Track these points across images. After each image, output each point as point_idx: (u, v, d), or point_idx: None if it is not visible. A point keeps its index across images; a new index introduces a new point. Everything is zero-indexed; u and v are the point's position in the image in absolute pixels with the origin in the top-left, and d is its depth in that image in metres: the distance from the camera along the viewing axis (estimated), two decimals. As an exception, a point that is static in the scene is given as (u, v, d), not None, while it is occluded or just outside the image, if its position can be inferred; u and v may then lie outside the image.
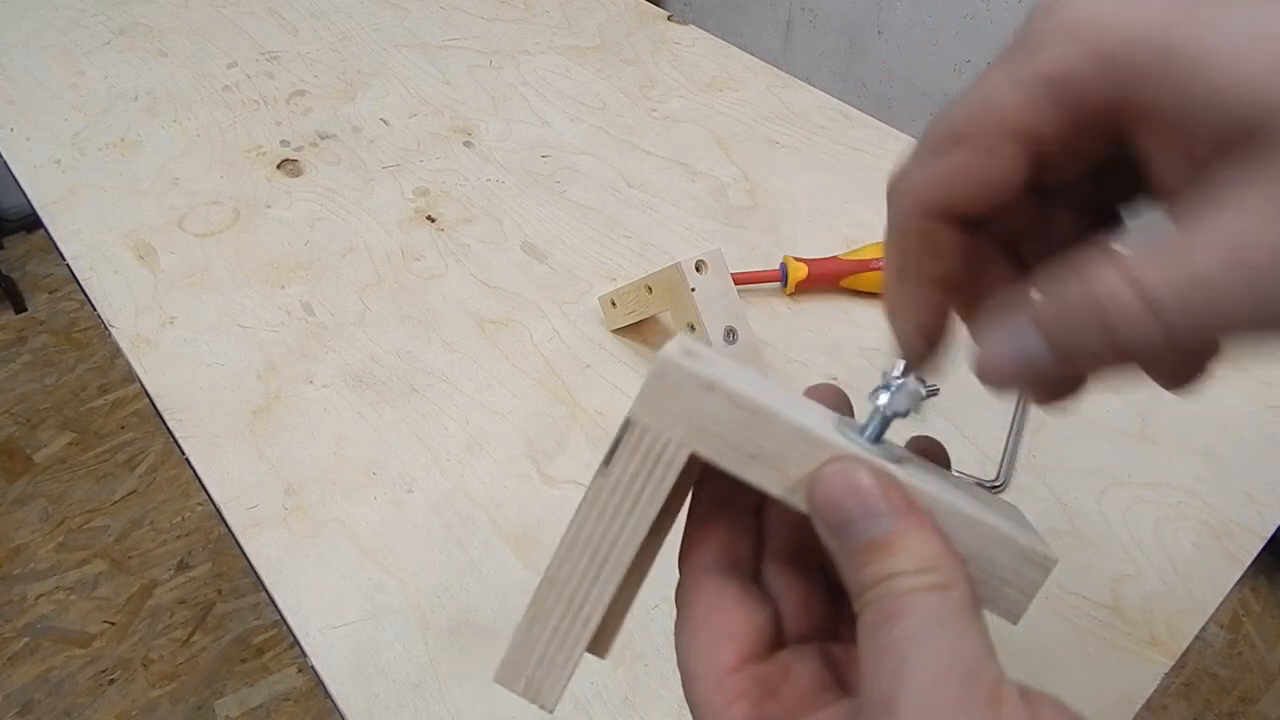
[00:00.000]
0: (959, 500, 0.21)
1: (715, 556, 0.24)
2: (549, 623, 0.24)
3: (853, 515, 0.20)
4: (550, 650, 0.24)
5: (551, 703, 0.24)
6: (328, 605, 0.47)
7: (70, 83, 0.85)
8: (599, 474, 0.23)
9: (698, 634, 0.23)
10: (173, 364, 0.60)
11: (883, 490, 0.20)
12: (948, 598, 0.19)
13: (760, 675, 0.23)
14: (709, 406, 0.21)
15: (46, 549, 1.49)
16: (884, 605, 0.19)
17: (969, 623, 0.19)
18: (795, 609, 0.24)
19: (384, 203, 0.73)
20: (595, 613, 0.23)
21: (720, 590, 0.24)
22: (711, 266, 0.54)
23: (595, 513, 0.23)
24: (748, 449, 0.21)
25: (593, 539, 0.23)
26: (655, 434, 0.22)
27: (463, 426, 0.56)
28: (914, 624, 0.19)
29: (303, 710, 1.31)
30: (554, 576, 0.23)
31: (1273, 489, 0.54)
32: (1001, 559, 0.21)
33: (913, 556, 0.20)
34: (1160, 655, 0.46)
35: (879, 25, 1.74)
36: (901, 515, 0.20)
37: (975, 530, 0.21)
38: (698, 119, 0.83)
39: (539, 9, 0.98)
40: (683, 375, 0.21)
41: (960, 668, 0.18)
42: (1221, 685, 1.35)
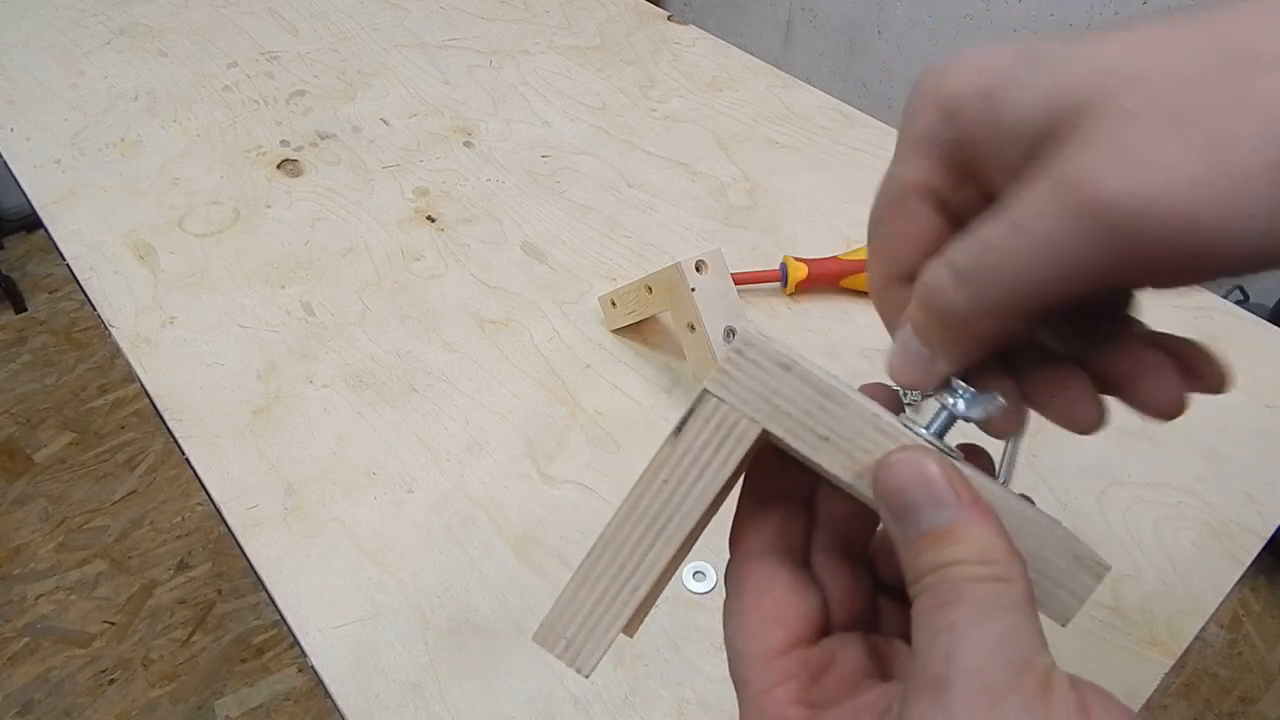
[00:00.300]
0: (1014, 502, 0.22)
1: (768, 541, 0.25)
2: (597, 587, 0.24)
3: (918, 502, 0.21)
4: (595, 615, 0.24)
5: (589, 668, 0.24)
6: (328, 605, 0.47)
7: (70, 83, 0.85)
8: (668, 442, 0.23)
9: (747, 615, 0.24)
10: (173, 364, 0.60)
11: (949, 481, 0.21)
12: (1005, 589, 0.19)
13: (807, 659, 0.23)
14: (786, 385, 0.22)
15: (46, 549, 1.49)
16: (941, 590, 0.20)
17: (1024, 615, 0.19)
18: (840, 599, 0.25)
19: (384, 203, 0.73)
20: (645, 581, 0.23)
21: (772, 574, 0.24)
22: (711, 266, 0.54)
23: (660, 480, 0.23)
24: (819, 431, 0.22)
25: (654, 506, 0.23)
26: (730, 408, 0.22)
27: (463, 426, 0.56)
28: (970, 610, 0.19)
29: (303, 710, 1.31)
30: (609, 539, 0.24)
31: (1273, 489, 0.54)
32: (1055, 560, 0.21)
33: (973, 547, 0.20)
34: (1160, 655, 0.46)
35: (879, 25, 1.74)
36: (965, 507, 0.21)
37: (1032, 530, 0.21)
38: (698, 119, 0.83)
39: (539, 9, 0.98)
40: (763, 353, 0.22)
41: (1013, 654, 0.18)
42: (1221, 685, 1.35)
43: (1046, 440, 0.56)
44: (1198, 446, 0.56)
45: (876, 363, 0.59)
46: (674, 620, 0.47)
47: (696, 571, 0.49)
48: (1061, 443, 0.56)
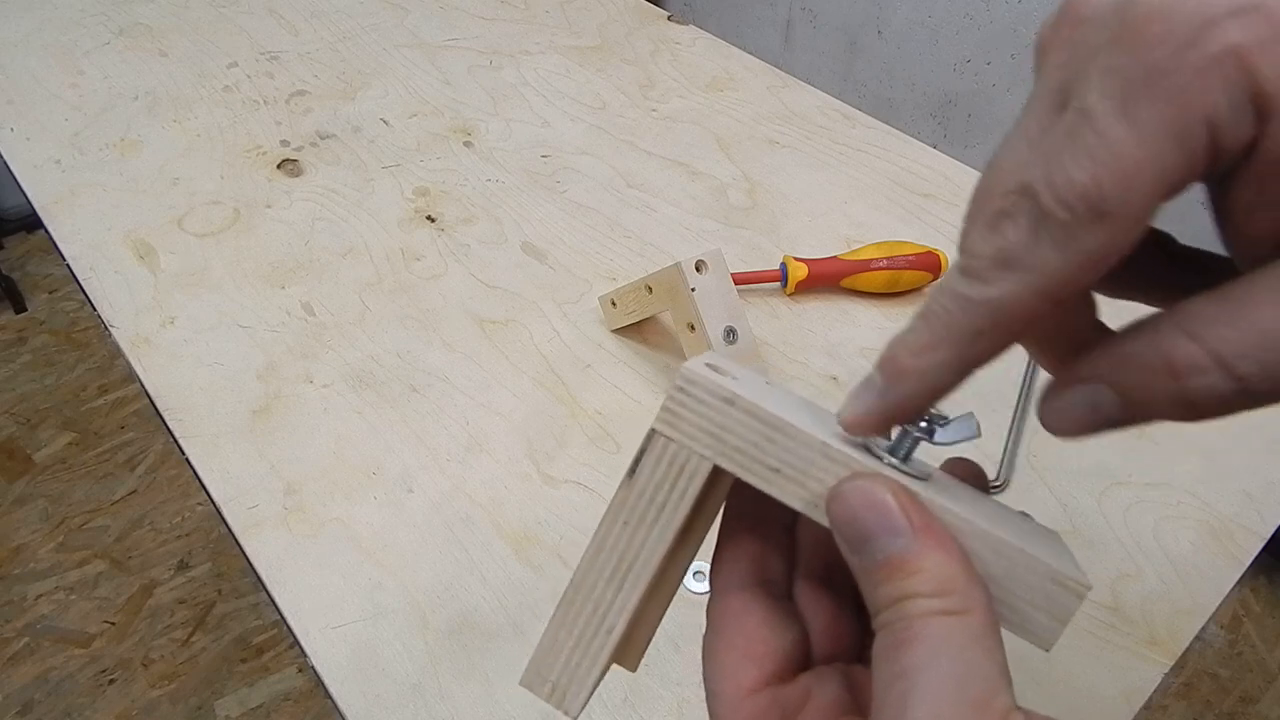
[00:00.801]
0: (988, 522, 0.21)
1: (745, 573, 0.24)
2: (574, 629, 0.24)
3: (870, 531, 0.20)
4: (575, 657, 0.24)
5: (576, 709, 0.24)
6: (328, 605, 0.47)
7: (70, 83, 0.85)
8: (623, 484, 0.23)
9: (722, 653, 0.23)
10: (173, 364, 0.60)
11: (901, 507, 0.20)
12: (962, 623, 0.19)
13: (780, 698, 0.22)
14: (731, 420, 0.22)
15: (46, 549, 1.49)
16: (896, 629, 0.19)
17: (983, 650, 0.18)
18: (824, 629, 0.24)
19: (384, 203, 0.73)
20: (619, 622, 0.23)
21: (747, 608, 0.24)
22: (711, 266, 0.54)
23: (620, 522, 0.23)
24: (769, 463, 0.22)
25: (616, 548, 0.23)
26: (679, 446, 0.22)
27: (463, 426, 0.56)
28: (924, 651, 0.18)
29: (303, 710, 1.31)
30: (579, 584, 0.24)
31: (1273, 489, 0.54)
32: (1031, 583, 0.20)
33: (929, 578, 0.19)
34: (1160, 655, 0.46)
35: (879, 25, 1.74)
36: (920, 534, 0.20)
37: (1003, 552, 0.21)
38: (698, 119, 0.83)
39: (539, 9, 0.98)
40: (705, 389, 0.22)
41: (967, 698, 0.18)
42: (1221, 685, 1.35)
43: (1047, 440, 0.56)
44: (1198, 446, 0.56)
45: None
46: (674, 620, 0.47)
47: (697, 571, 0.49)
48: (1061, 442, 0.56)
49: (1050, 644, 0.21)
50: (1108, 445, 0.56)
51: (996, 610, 0.20)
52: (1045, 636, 0.21)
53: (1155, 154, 0.16)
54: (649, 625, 0.26)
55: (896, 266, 0.63)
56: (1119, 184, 0.17)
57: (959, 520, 0.21)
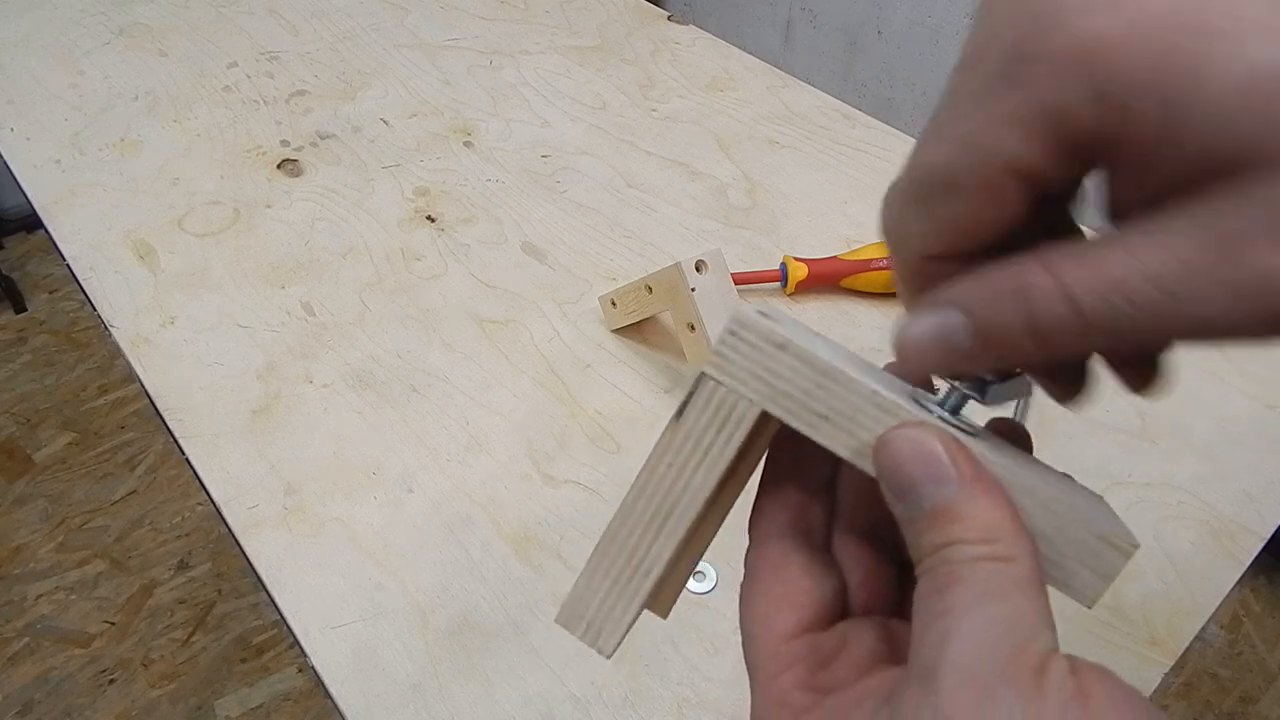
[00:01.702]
0: (1037, 479, 0.21)
1: (785, 523, 0.24)
2: (611, 570, 0.24)
3: (917, 480, 0.20)
4: (611, 598, 0.24)
5: (610, 649, 0.24)
6: (328, 605, 0.47)
7: (70, 83, 0.85)
8: (670, 426, 0.23)
9: (759, 599, 0.23)
10: (173, 364, 0.60)
11: (950, 456, 0.20)
12: (1006, 569, 0.19)
13: (816, 644, 0.23)
14: (781, 365, 0.22)
15: (46, 549, 1.49)
16: (939, 573, 0.19)
17: (1026, 596, 0.18)
18: (862, 582, 0.24)
19: (384, 203, 0.73)
20: (656, 565, 0.23)
21: (786, 557, 0.24)
22: (711, 266, 0.54)
23: (664, 464, 0.23)
24: (818, 409, 0.22)
25: (659, 490, 0.23)
26: (728, 390, 0.22)
27: (463, 426, 0.56)
28: (966, 593, 0.18)
29: (303, 710, 1.31)
30: (619, 524, 0.24)
31: (1273, 489, 0.54)
32: (1079, 539, 0.20)
33: (974, 526, 0.19)
34: (1160, 655, 0.46)
35: (879, 25, 1.74)
36: (968, 483, 0.20)
37: (1051, 508, 0.20)
38: (698, 119, 0.83)
39: (539, 9, 0.98)
40: (757, 333, 0.22)
41: (1007, 640, 0.18)
42: (1221, 685, 1.35)
43: (1047, 441, 0.56)
44: (1198, 446, 0.56)
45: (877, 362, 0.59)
46: (674, 620, 0.47)
47: (696, 572, 0.49)
48: (1062, 442, 0.56)
49: (1093, 601, 0.21)
50: (1107, 445, 0.56)
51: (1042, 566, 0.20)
52: (1089, 594, 0.21)
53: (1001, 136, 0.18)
54: (682, 573, 0.26)
55: (896, 266, 0.63)
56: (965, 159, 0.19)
57: (1007, 473, 0.21)
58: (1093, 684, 0.18)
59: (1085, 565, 0.20)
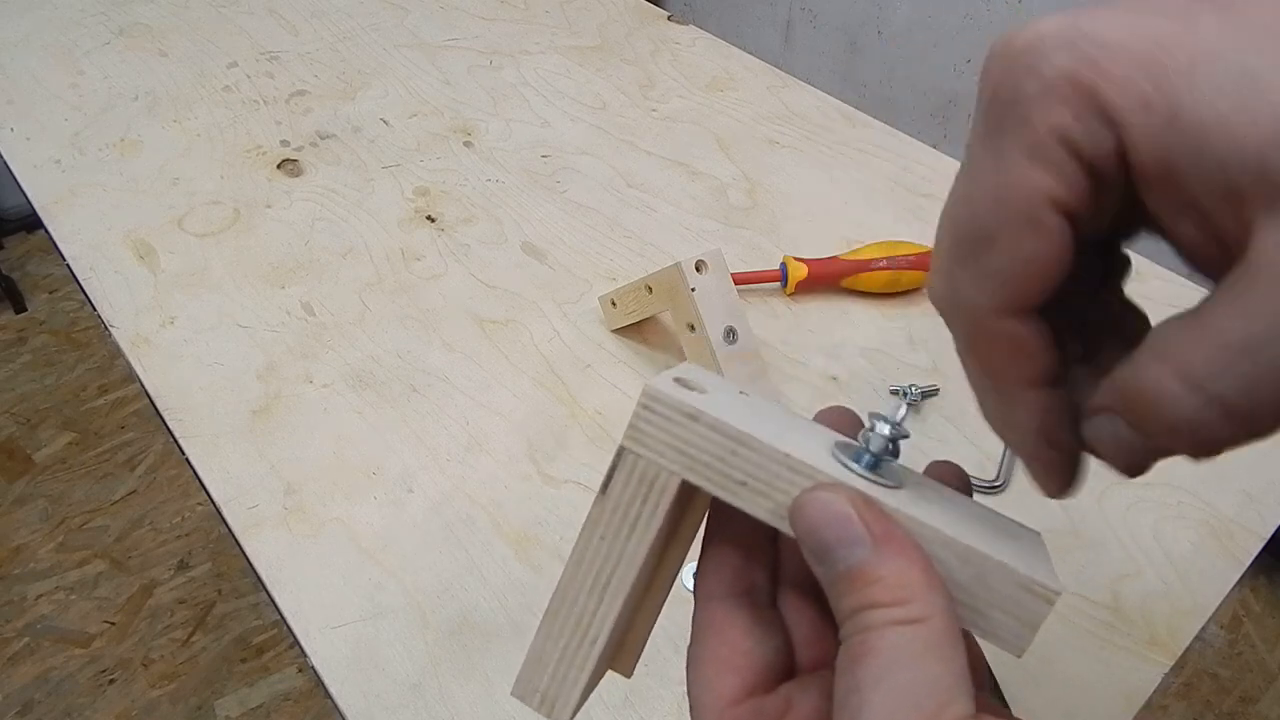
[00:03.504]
0: (958, 528, 0.21)
1: (727, 582, 0.24)
2: (559, 641, 0.24)
3: (830, 542, 0.20)
4: (562, 667, 0.24)
5: (566, 717, 0.24)
6: (328, 605, 0.47)
7: (70, 83, 0.85)
8: (597, 500, 0.23)
9: (705, 662, 0.23)
10: (173, 364, 0.60)
11: (860, 516, 0.20)
12: (917, 632, 0.19)
13: (761, 709, 0.22)
14: (695, 435, 0.22)
15: (46, 549, 1.49)
16: (854, 642, 0.19)
17: (938, 658, 0.18)
18: (808, 638, 0.24)
19: (384, 203, 0.73)
20: (602, 633, 0.24)
21: (728, 618, 0.24)
22: (711, 266, 0.54)
23: (596, 536, 0.23)
24: (735, 476, 0.22)
25: (595, 561, 0.23)
26: (648, 462, 0.22)
27: (463, 426, 0.56)
28: (878, 665, 0.18)
29: (303, 710, 1.31)
30: (562, 595, 0.24)
31: (1273, 489, 0.54)
32: (1000, 589, 0.20)
33: (887, 586, 0.19)
34: (1160, 655, 0.46)
35: (879, 25, 1.74)
36: (880, 543, 0.20)
37: (970, 559, 0.21)
38: (698, 119, 0.83)
39: (539, 9, 0.98)
40: (669, 405, 0.22)
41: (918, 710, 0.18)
42: (1221, 685, 1.35)
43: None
44: (1198, 446, 0.56)
45: (877, 362, 0.59)
46: (674, 620, 0.47)
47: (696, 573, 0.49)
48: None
49: (1021, 650, 0.21)
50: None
51: (965, 617, 0.21)
52: (1016, 643, 0.21)
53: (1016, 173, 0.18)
54: (641, 632, 0.26)
55: (896, 266, 0.63)
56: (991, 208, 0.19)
57: (924, 528, 0.21)
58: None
59: (1008, 614, 0.21)
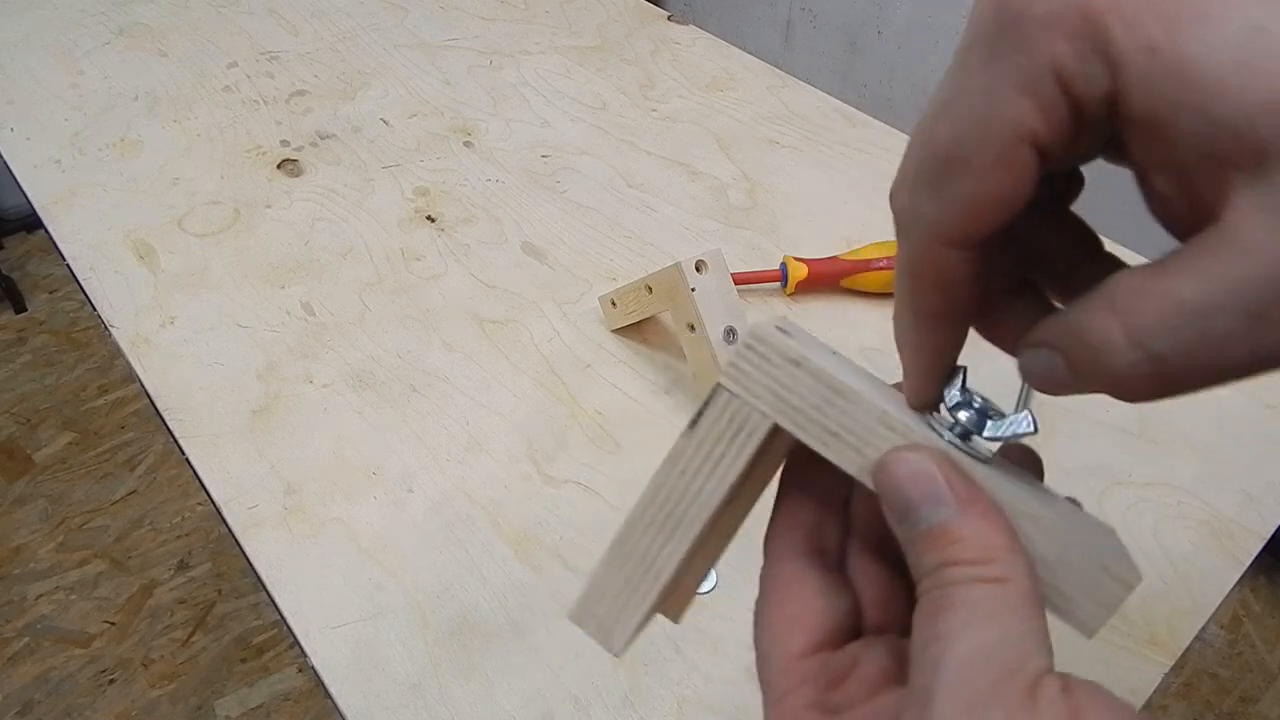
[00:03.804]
0: (1041, 506, 0.21)
1: (799, 542, 0.25)
2: (623, 570, 0.24)
3: (914, 501, 0.20)
4: (622, 597, 0.24)
5: (619, 648, 0.25)
6: (328, 605, 0.47)
7: (70, 83, 0.85)
8: (684, 434, 0.23)
9: (772, 617, 0.24)
10: (173, 364, 0.60)
11: (947, 478, 0.20)
12: (999, 590, 0.19)
13: (828, 664, 0.23)
14: (795, 381, 0.22)
15: (46, 549, 1.49)
16: (934, 596, 0.19)
17: (1020, 617, 0.18)
18: (876, 601, 0.24)
19: (384, 203, 0.73)
20: (666, 569, 0.24)
21: (800, 576, 0.24)
22: (711, 266, 0.54)
23: (676, 471, 0.23)
24: (829, 426, 0.22)
25: (671, 496, 0.23)
26: (741, 402, 0.22)
27: (463, 426, 0.56)
28: (960, 617, 0.18)
29: (303, 710, 1.31)
30: (631, 526, 0.24)
31: (1273, 489, 0.54)
32: (1080, 568, 0.20)
33: (970, 546, 0.19)
34: (1160, 655, 0.46)
35: (879, 25, 1.74)
36: (964, 504, 0.20)
37: (1053, 535, 0.20)
38: (698, 119, 0.83)
39: (539, 9, 0.98)
40: (773, 348, 0.22)
41: (999, 663, 0.18)
42: (1221, 685, 1.35)
43: (1046, 441, 0.56)
44: (1198, 446, 0.56)
45: (877, 363, 0.59)
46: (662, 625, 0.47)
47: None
48: (1062, 442, 0.56)
49: (1093, 632, 0.21)
50: (1107, 445, 0.56)
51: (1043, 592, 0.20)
52: (1090, 624, 0.21)
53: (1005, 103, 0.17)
54: (693, 579, 0.26)
55: (896, 266, 0.63)
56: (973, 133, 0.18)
57: (1009, 498, 0.21)
58: (1085, 703, 0.18)
59: (1086, 595, 0.20)
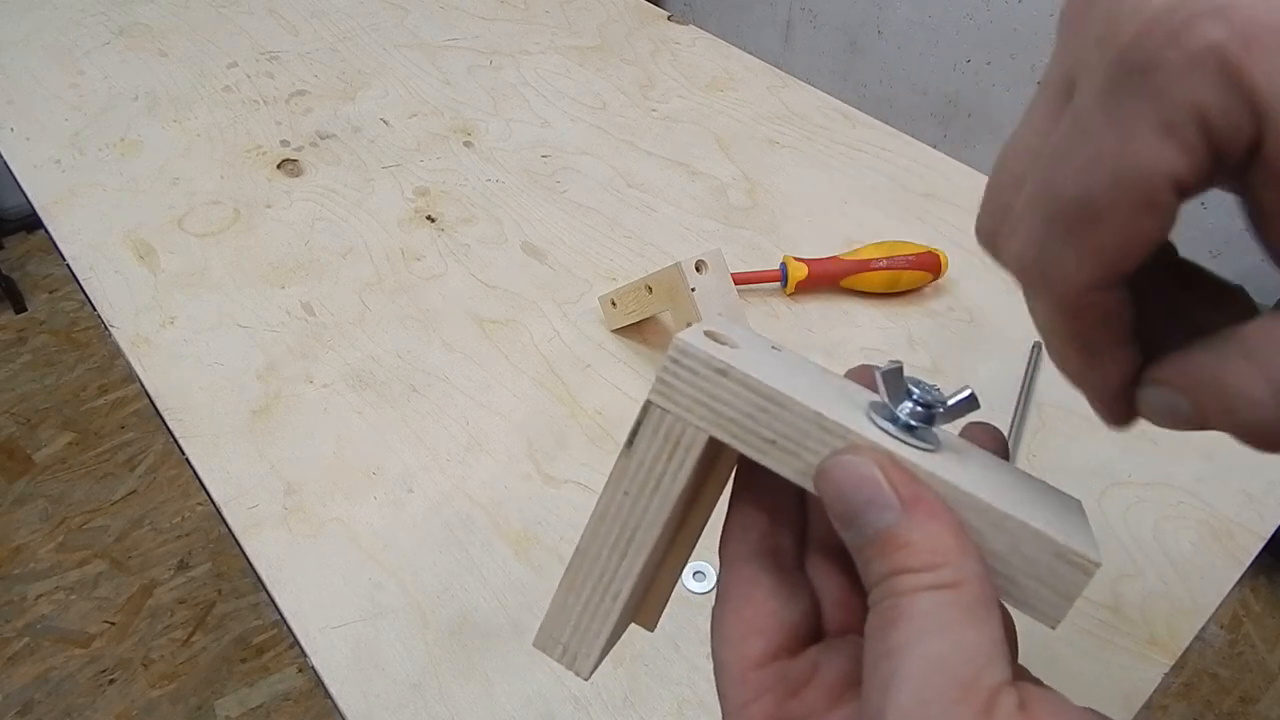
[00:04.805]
0: (993, 494, 0.20)
1: (754, 544, 0.24)
2: (581, 593, 0.24)
3: (858, 507, 0.20)
4: (584, 620, 0.24)
5: (587, 671, 0.24)
6: (328, 605, 0.47)
7: (70, 83, 0.85)
8: (622, 455, 0.23)
9: (729, 624, 0.23)
10: (173, 364, 0.60)
11: (890, 479, 0.19)
12: (950, 597, 0.18)
13: (786, 672, 0.22)
14: (724, 390, 0.21)
15: (46, 549, 1.49)
16: (884, 607, 0.19)
17: (973, 624, 0.18)
18: (836, 601, 0.24)
19: (384, 203, 0.73)
20: (624, 587, 0.23)
21: (755, 580, 0.23)
22: (711, 266, 0.54)
23: (620, 492, 0.23)
24: (764, 434, 0.21)
25: (618, 517, 0.23)
26: (674, 418, 0.22)
27: (463, 426, 0.56)
28: (910, 629, 0.18)
29: (303, 710, 1.31)
30: (585, 549, 0.23)
31: (1273, 489, 0.54)
32: (1036, 558, 0.20)
33: (918, 552, 0.19)
34: (1160, 655, 0.46)
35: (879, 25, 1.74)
36: (910, 507, 0.19)
37: (1005, 527, 0.20)
38: (698, 119, 0.83)
39: (539, 9, 0.98)
40: (696, 359, 0.21)
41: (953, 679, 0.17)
42: (1221, 685, 1.35)
43: (1046, 440, 0.56)
44: (1198, 446, 0.56)
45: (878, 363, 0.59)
46: (674, 620, 0.47)
47: (696, 571, 0.49)
48: (1062, 442, 0.56)
49: (1056, 621, 0.20)
50: (1108, 445, 0.56)
51: (1000, 586, 0.20)
52: (1051, 614, 0.20)
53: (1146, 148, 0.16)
54: (665, 587, 0.26)
55: (896, 266, 0.63)
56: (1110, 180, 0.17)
57: (957, 493, 0.20)
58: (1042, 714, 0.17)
59: (1044, 584, 0.20)
